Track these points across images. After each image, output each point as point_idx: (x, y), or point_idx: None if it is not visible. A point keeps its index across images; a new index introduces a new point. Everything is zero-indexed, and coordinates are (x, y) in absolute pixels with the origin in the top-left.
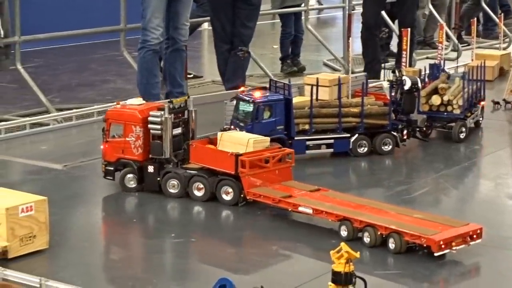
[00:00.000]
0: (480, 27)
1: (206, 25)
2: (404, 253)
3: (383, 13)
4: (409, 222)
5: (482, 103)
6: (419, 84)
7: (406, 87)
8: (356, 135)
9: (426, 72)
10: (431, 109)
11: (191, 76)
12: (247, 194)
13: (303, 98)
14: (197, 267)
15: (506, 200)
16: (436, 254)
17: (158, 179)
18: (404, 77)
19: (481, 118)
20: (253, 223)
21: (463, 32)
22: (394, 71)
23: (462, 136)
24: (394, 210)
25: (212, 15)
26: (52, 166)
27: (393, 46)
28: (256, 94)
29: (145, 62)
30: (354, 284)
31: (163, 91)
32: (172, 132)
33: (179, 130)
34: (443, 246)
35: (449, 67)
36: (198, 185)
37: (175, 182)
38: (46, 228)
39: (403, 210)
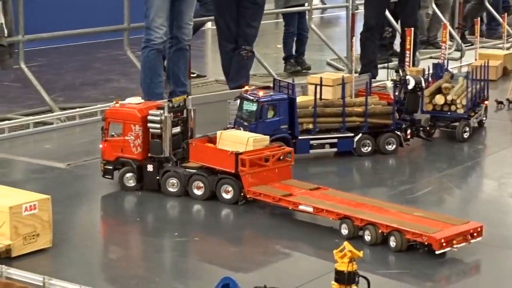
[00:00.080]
0: (484, 27)
1: (210, 25)
2: (405, 251)
3: (387, 13)
4: (410, 220)
5: (486, 103)
6: (423, 84)
7: (410, 87)
8: (360, 135)
9: (430, 72)
10: (435, 109)
11: (195, 76)
12: (247, 193)
13: (307, 98)
14: (199, 266)
15: (509, 200)
16: (437, 252)
17: (158, 178)
18: (408, 77)
19: (485, 118)
20: (254, 222)
21: (467, 32)
22: (398, 71)
23: (466, 136)
24: (395, 209)
25: (217, 15)
26: (56, 165)
27: (397, 46)
28: (260, 93)
29: (149, 61)
30: (358, 283)
31: (167, 90)
32: (172, 131)
33: (178, 129)
34: (444, 244)
35: (453, 67)
36: (198, 184)
37: (175, 181)
38: (50, 227)
39: (404, 209)
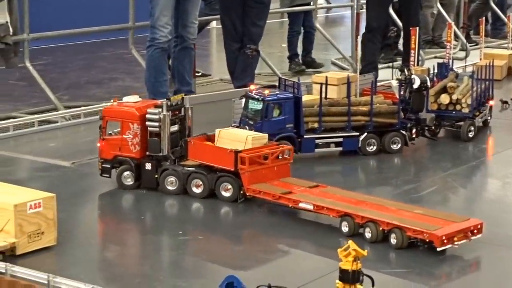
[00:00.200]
0: (489, 27)
1: (215, 24)
2: (405, 249)
3: (392, 12)
4: (410, 218)
5: (491, 102)
6: (428, 83)
7: (415, 86)
8: (365, 134)
9: (435, 71)
10: (440, 108)
11: (199, 75)
12: (247, 191)
13: (311, 97)
14: (202, 265)
15: None
16: (439, 249)
17: (156, 176)
18: (413, 76)
19: (490, 117)
20: (254, 220)
21: (472, 32)
22: (403, 70)
23: (471, 135)
24: (394, 206)
25: (222, 14)
26: (60, 163)
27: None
28: (266, 92)
29: (153, 60)
30: (362, 282)
31: (171, 89)
32: (170, 129)
33: (176, 128)
34: (446, 241)
35: (458, 67)
36: (197, 182)
37: (173, 179)
38: (54, 225)
39: (403, 206)
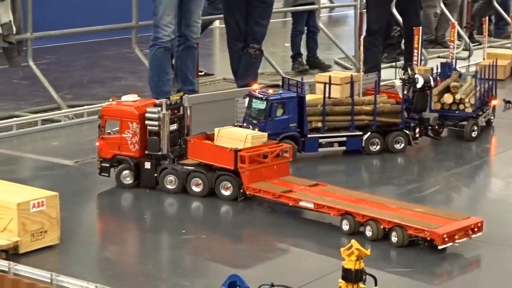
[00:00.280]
0: (492, 26)
1: (218, 23)
2: (405, 247)
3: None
4: (411, 216)
5: (494, 102)
6: (432, 82)
7: (419, 85)
8: (369, 133)
9: (438, 71)
10: (443, 108)
11: (202, 74)
12: (247, 189)
13: (314, 96)
14: (204, 264)
15: None
16: (440, 247)
17: (155, 175)
18: (417, 75)
19: (493, 117)
20: (254, 219)
21: (475, 31)
22: (406, 69)
23: (474, 135)
24: (394, 204)
25: (226, 13)
26: (63, 162)
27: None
28: (269, 92)
29: (157, 59)
30: (365, 282)
31: (174, 89)
32: (169, 128)
33: (175, 126)
34: (447, 239)
35: (461, 66)
36: (197, 181)
37: (173, 178)
38: (57, 224)
39: (403, 204)
